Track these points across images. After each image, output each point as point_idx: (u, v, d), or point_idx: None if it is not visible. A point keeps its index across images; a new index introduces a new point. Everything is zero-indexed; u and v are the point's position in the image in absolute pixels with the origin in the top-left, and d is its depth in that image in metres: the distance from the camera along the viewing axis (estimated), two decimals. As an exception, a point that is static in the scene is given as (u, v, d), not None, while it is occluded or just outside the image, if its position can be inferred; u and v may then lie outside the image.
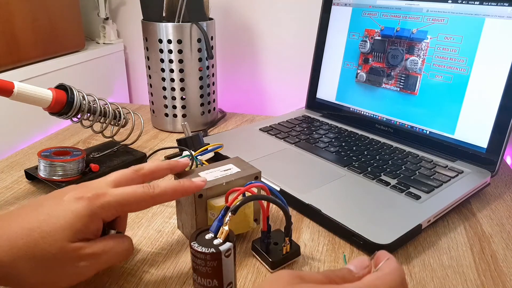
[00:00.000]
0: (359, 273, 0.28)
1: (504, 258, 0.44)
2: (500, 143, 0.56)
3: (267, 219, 0.41)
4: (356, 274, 0.28)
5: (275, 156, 0.63)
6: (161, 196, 0.37)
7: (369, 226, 0.45)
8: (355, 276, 0.27)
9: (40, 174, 0.55)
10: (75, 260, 0.33)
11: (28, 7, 0.78)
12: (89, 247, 0.33)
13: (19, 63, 0.77)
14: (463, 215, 0.52)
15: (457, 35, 0.60)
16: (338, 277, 0.27)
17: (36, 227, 0.32)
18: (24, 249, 0.31)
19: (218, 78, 1.02)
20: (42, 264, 0.32)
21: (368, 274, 0.28)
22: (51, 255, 0.32)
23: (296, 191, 0.52)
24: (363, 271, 0.28)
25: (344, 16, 0.76)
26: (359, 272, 0.28)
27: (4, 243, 0.31)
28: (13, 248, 0.31)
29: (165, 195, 0.37)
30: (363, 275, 0.28)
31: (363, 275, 0.28)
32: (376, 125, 0.71)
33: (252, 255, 0.43)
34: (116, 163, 0.60)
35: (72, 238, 0.32)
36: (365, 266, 0.28)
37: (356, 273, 0.28)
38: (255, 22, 0.97)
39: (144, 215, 0.51)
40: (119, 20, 1.08)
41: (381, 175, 0.56)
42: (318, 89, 0.82)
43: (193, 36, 0.73)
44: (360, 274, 0.28)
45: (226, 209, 0.36)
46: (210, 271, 0.34)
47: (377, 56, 0.71)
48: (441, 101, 0.63)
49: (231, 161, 0.46)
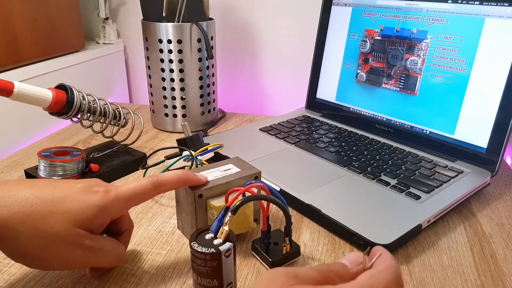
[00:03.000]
0: (353, 269, 0.27)
1: (504, 258, 0.44)
2: (500, 143, 0.56)
3: (267, 219, 0.41)
4: (351, 270, 0.27)
5: (275, 156, 0.63)
6: (165, 185, 0.38)
7: (369, 226, 0.45)
8: (349, 272, 0.27)
9: (40, 174, 0.55)
10: (73, 246, 0.33)
11: (28, 7, 0.78)
12: (90, 239, 0.34)
13: (19, 63, 0.77)
14: (463, 215, 0.52)
15: (457, 35, 0.60)
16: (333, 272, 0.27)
17: (49, 201, 0.32)
18: (31, 216, 0.31)
19: (218, 78, 1.02)
20: (42, 237, 0.32)
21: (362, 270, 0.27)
22: (54, 232, 0.32)
23: (296, 191, 0.52)
24: (357, 267, 0.28)
25: (344, 16, 0.76)
26: (353, 268, 0.27)
27: (13, 204, 0.31)
28: (19, 212, 0.31)
29: (169, 183, 0.38)
30: (357, 271, 0.27)
31: (357, 271, 0.27)
32: (376, 125, 0.71)
33: (252, 255, 0.43)
34: (116, 163, 0.60)
35: (79, 224, 0.33)
36: (359, 262, 0.28)
37: (351, 268, 0.27)
38: (255, 22, 0.97)
39: (144, 215, 0.51)
40: (119, 20, 1.08)
41: (381, 175, 0.56)
42: (318, 89, 0.81)
43: (193, 36, 0.73)
44: (354, 270, 0.27)
45: (226, 209, 0.36)
46: (210, 271, 0.34)
47: (377, 56, 0.71)
48: (441, 101, 0.63)
49: (231, 161, 0.46)
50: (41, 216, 0.32)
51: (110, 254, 0.36)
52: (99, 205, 0.34)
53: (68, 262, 0.34)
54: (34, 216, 0.31)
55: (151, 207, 0.53)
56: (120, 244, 0.38)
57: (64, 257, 0.33)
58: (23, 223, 0.31)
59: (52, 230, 0.32)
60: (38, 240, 0.32)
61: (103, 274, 0.40)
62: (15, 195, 0.32)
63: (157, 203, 0.54)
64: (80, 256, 0.34)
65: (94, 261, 0.35)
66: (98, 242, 0.35)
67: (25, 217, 0.31)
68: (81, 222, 0.33)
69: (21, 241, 0.31)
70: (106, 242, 0.36)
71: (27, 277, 0.40)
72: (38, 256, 0.33)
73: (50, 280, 0.40)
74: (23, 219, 0.31)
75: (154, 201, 0.54)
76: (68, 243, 0.33)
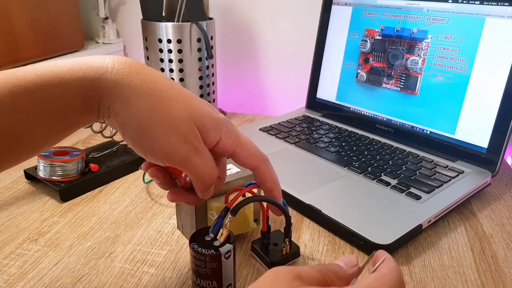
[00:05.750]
0: (349, 271, 0.28)
1: (504, 258, 0.44)
2: (501, 143, 0.56)
3: (267, 219, 0.41)
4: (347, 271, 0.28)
5: (275, 156, 0.62)
6: None
7: (369, 226, 0.45)
8: (345, 273, 0.28)
9: (39, 174, 0.55)
10: (183, 138, 0.32)
11: (27, 7, 0.78)
12: (200, 141, 0.33)
13: (18, 62, 0.77)
14: (464, 215, 0.52)
15: (458, 34, 0.60)
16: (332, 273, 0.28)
17: (179, 90, 0.34)
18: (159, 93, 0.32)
19: (218, 78, 1.02)
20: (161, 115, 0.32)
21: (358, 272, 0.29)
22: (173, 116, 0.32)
23: (296, 191, 0.52)
24: (352, 269, 0.29)
25: (344, 16, 0.75)
26: (349, 270, 0.28)
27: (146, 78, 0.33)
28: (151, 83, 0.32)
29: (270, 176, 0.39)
30: (353, 273, 0.28)
31: (353, 273, 0.28)
32: (376, 125, 0.71)
33: (252, 256, 0.43)
34: (115, 163, 0.60)
35: (197, 123, 0.33)
36: (353, 265, 0.29)
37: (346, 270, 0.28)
38: (255, 22, 0.97)
39: (144, 215, 0.51)
40: (119, 19, 1.08)
41: (382, 175, 0.56)
42: (318, 89, 0.81)
43: (193, 35, 0.73)
44: (350, 272, 0.28)
45: (226, 210, 0.36)
46: (210, 273, 0.34)
47: (378, 56, 0.70)
48: (442, 101, 0.62)
49: (231, 161, 0.46)
50: (168, 97, 0.32)
51: (208, 165, 0.34)
52: (220, 119, 0.34)
53: (170, 151, 0.33)
54: (162, 95, 0.32)
55: (151, 207, 0.53)
56: (217, 168, 0.36)
57: (170, 144, 0.32)
58: (150, 95, 0.32)
59: (172, 114, 0.32)
60: (158, 115, 0.32)
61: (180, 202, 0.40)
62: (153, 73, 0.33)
63: (157, 203, 0.53)
64: (184, 150, 0.33)
65: (193, 162, 0.33)
66: (204, 148, 0.34)
67: (154, 91, 0.32)
68: (199, 122, 0.33)
69: (143, 110, 0.32)
70: (209, 154, 0.34)
71: (27, 277, 0.40)
72: (150, 132, 0.32)
73: (50, 280, 0.40)
74: (151, 92, 0.32)
75: (154, 201, 0.54)
76: (180, 133, 0.32)
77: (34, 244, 0.45)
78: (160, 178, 0.37)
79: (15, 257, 0.43)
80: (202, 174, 0.34)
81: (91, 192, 0.56)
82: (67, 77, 0.31)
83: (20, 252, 0.44)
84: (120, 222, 0.49)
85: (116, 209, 0.52)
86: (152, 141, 0.32)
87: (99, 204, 0.53)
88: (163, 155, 0.33)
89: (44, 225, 0.49)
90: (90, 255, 0.44)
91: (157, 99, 0.32)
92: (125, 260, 0.43)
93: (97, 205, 0.53)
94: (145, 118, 0.32)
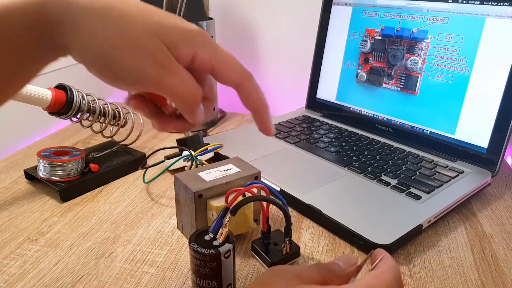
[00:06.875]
0: (348, 270, 0.29)
1: (504, 258, 0.44)
2: (501, 143, 0.56)
3: (267, 219, 0.41)
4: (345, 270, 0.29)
5: (275, 156, 0.62)
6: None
7: (369, 226, 0.45)
8: (344, 272, 0.28)
9: (39, 174, 0.55)
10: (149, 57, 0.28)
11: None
12: (169, 58, 0.29)
13: None
14: (464, 215, 0.52)
15: (458, 34, 0.60)
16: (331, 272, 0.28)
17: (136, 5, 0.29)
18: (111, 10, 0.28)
19: (218, 78, 1.02)
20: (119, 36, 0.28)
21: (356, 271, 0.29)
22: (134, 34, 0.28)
23: (296, 191, 0.52)
24: (351, 268, 0.29)
25: (344, 16, 0.75)
26: (347, 269, 0.29)
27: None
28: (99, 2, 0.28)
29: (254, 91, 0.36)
30: (351, 271, 0.29)
31: (351, 272, 0.29)
32: (376, 125, 0.71)
33: (252, 256, 0.43)
34: (115, 163, 0.60)
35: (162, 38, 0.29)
36: (352, 264, 0.29)
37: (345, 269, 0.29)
38: (255, 22, 0.97)
39: (144, 215, 0.51)
40: (119, 19, 1.08)
41: (382, 175, 0.56)
42: (318, 89, 0.81)
43: (193, 35, 0.73)
44: (349, 271, 0.29)
45: (226, 210, 0.36)
46: (210, 272, 0.34)
47: (378, 56, 0.70)
48: (442, 101, 0.62)
49: (231, 161, 0.46)
50: (123, 13, 0.28)
51: (186, 83, 0.30)
52: (193, 31, 0.30)
53: (138, 75, 0.29)
54: (117, 12, 0.28)
55: (151, 207, 0.53)
56: (199, 85, 0.32)
57: (136, 66, 0.28)
58: (102, 15, 0.27)
59: (132, 33, 0.28)
60: (116, 37, 0.28)
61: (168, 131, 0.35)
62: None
63: (157, 203, 0.53)
64: (154, 71, 0.29)
65: (167, 82, 0.30)
66: (177, 66, 0.30)
67: (106, 10, 0.28)
68: (167, 38, 0.29)
69: (99, 34, 0.27)
70: (185, 72, 0.30)
71: (27, 277, 0.40)
72: (112, 58, 0.28)
73: (50, 280, 0.40)
74: (103, 11, 0.27)
75: (154, 201, 0.54)
76: (145, 53, 0.28)
77: (34, 244, 0.45)
78: (144, 109, 0.34)
79: (15, 257, 0.43)
80: (182, 95, 0.30)
81: (91, 192, 0.56)
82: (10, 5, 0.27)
83: (20, 252, 0.44)
84: (120, 222, 0.49)
85: (116, 209, 0.52)
86: (117, 67, 0.28)
87: (99, 204, 0.53)
88: (133, 80, 0.29)
89: (44, 225, 0.49)
90: (90, 255, 0.44)
91: (113, 19, 0.28)
92: (125, 260, 0.43)
93: (97, 205, 0.53)
94: (103, 43, 0.28)
